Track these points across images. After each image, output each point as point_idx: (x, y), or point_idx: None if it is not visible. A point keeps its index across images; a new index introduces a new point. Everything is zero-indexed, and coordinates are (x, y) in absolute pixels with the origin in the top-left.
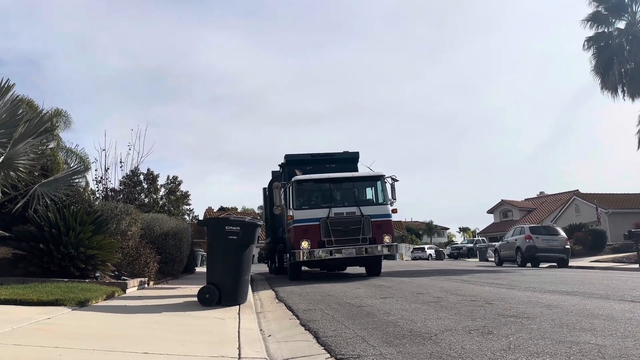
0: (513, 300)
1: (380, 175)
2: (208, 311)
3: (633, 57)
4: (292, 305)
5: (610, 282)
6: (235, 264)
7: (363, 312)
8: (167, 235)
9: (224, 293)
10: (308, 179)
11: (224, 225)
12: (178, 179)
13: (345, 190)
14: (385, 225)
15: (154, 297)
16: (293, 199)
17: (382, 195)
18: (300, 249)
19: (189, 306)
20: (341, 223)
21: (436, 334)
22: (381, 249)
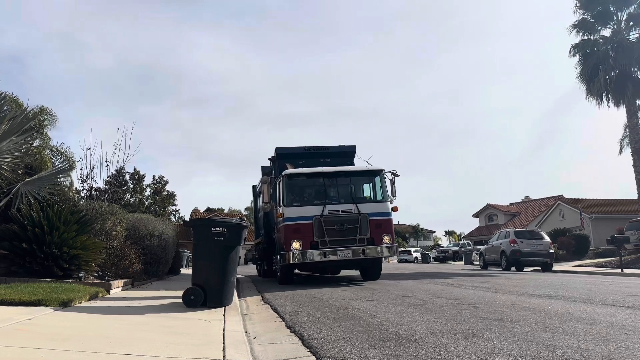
0: (497, 303)
1: (379, 169)
2: (193, 313)
3: (618, 65)
4: (278, 307)
5: (593, 287)
6: (221, 265)
7: (349, 315)
8: (152, 236)
9: (209, 295)
10: (300, 172)
11: (210, 226)
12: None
13: (341, 186)
14: (385, 225)
15: (138, 298)
16: (283, 195)
17: (382, 191)
18: (290, 250)
19: (173, 307)
20: (336, 222)
21: (421, 337)
22: (380, 251)
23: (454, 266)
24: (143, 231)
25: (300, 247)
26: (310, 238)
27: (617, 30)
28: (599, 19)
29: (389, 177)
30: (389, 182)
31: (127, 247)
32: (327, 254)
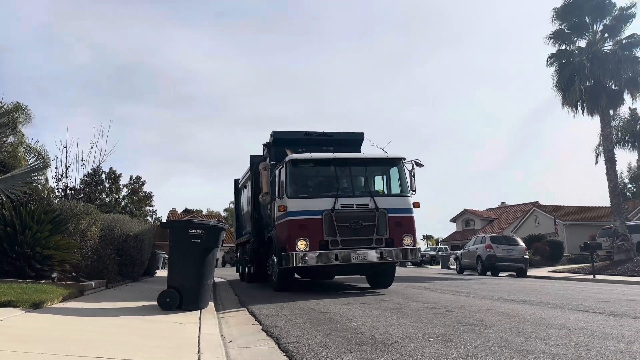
0: (472, 308)
1: (399, 158)
2: (168, 315)
3: (593, 75)
4: (255, 310)
5: (566, 292)
6: (197, 267)
7: (326, 318)
8: (128, 237)
9: (185, 297)
10: (308, 158)
11: (187, 228)
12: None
13: (356, 176)
14: (406, 223)
15: (113, 299)
16: (287, 185)
17: (401, 184)
18: (295, 251)
19: (148, 310)
20: (350, 218)
21: (397, 341)
22: (400, 254)
23: (431, 270)
24: (118, 232)
25: (306, 248)
26: (320, 237)
27: (593, 41)
28: (575, 30)
29: (408, 167)
30: (407, 173)
31: (102, 247)
32: (340, 256)
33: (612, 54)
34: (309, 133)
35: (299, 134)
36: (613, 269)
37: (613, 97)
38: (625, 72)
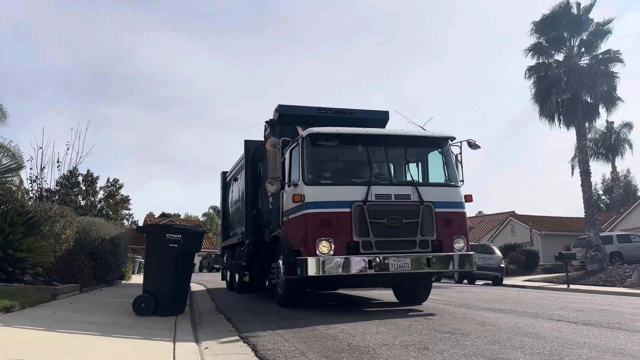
0: (449, 316)
1: (448, 136)
2: (143, 321)
3: (569, 88)
4: (232, 317)
5: (541, 302)
6: (174, 273)
7: (304, 326)
8: (103, 240)
9: (160, 303)
10: (332, 133)
11: (164, 232)
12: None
13: (393, 159)
14: (457, 221)
15: (86, 304)
16: (304, 167)
17: (450, 170)
18: (315, 255)
19: (122, 315)
20: (387, 213)
21: (374, 349)
22: (452, 262)
23: None
24: (94, 235)
25: (330, 251)
26: (347, 236)
27: (570, 55)
28: (553, 43)
29: (454, 151)
30: (453, 158)
31: (76, 251)
32: (375, 264)
33: (588, 68)
34: (323, 109)
35: (312, 109)
36: (587, 278)
37: (589, 110)
38: (600, 86)
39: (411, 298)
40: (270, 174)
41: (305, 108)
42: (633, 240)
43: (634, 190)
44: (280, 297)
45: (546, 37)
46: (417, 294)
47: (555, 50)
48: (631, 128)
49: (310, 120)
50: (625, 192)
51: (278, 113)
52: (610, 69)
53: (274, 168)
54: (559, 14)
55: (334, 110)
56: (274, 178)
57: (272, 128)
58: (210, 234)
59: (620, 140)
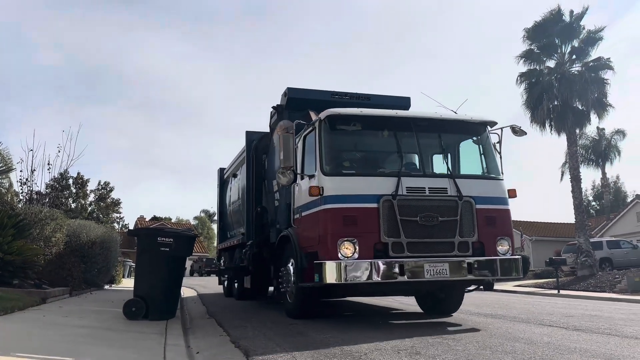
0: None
1: (490, 121)
2: (133, 325)
3: (561, 95)
4: (223, 321)
5: (532, 307)
6: (165, 277)
7: (295, 330)
8: (94, 244)
9: (151, 307)
10: (355, 114)
11: (156, 236)
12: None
13: (426, 147)
14: (501, 220)
15: (76, 308)
16: (322, 155)
17: (490, 160)
18: (336, 259)
19: (113, 319)
20: (421, 209)
21: (366, 354)
22: (496, 268)
23: None
24: (84, 238)
25: (355, 254)
26: (375, 237)
27: (561, 62)
28: (544, 50)
29: (496, 138)
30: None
31: (66, 254)
32: (407, 269)
33: (579, 75)
34: (337, 93)
35: (325, 93)
36: (577, 284)
37: (579, 116)
38: (591, 93)
39: (440, 308)
40: (282, 163)
41: (317, 92)
42: (622, 246)
43: (624, 197)
44: (290, 307)
45: (538, 43)
46: (448, 304)
47: (547, 57)
48: (623, 135)
49: (322, 106)
50: (615, 199)
51: (287, 97)
52: (600, 76)
53: (287, 156)
54: (551, 21)
55: (350, 95)
56: (286, 168)
57: (279, 114)
58: (202, 237)
59: (610, 146)
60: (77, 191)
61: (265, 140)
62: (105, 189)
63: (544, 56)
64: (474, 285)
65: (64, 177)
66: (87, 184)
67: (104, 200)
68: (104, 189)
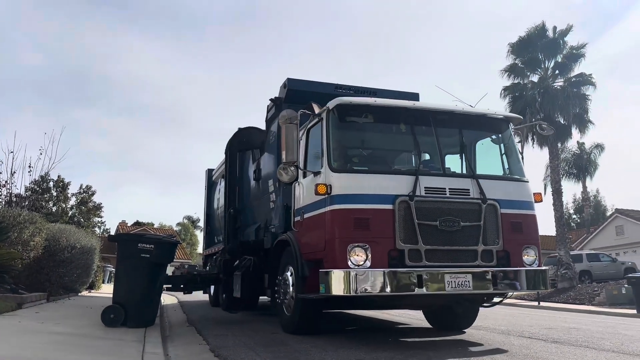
0: (421, 333)
1: (514, 117)
2: (111, 332)
3: (543, 109)
4: (203, 329)
5: (512, 319)
6: (145, 283)
7: (277, 340)
8: (73, 249)
9: (130, 314)
10: (367, 104)
11: (136, 242)
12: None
13: (446, 144)
14: (528, 226)
15: (53, 314)
16: (330, 149)
17: (513, 161)
18: (346, 267)
19: (90, 326)
20: (441, 212)
21: None
22: (522, 280)
23: None
24: (64, 243)
25: (367, 261)
26: (390, 243)
27: (544, 77)
28: (528, 65)
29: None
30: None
31: (45, 258)
32: (426, 280)
33: (562, 90)
34: (341, 86)
35: (328, 86)
36: (557, 296)
37: (561, 131)
38: (573, 108)
39: (452, 324)
40: (285, 157)
41: (320, 84)
42: (602, 259)
43: (604, 210)
44: (288, 321)
45: (522, 58)
46: (462, 319)
47: (531, 71)
48: (602, 150)
49: (324, 100)
50: (595, 212)
51: (286, 89)
52: (582, 91)
53: (290, 149)
54: (535, 37)
55: (354, 89)
56: (289, 163)
57: (277, 108)
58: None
59: (590, 161)
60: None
61: (251, 134)
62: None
63: (527, 70)
64: (497, 298)
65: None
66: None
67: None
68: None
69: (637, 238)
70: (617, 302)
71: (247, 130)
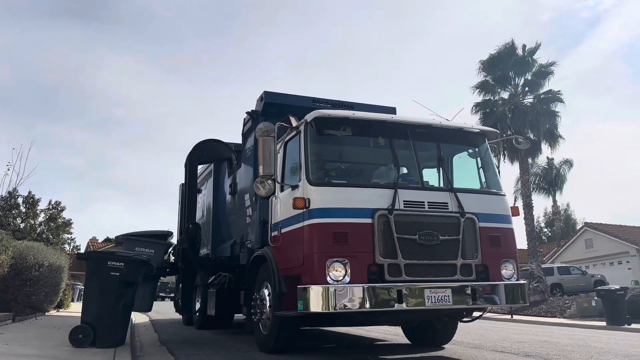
0: (393, 348)
1: (491, 131)
2: (80, 353)
3: (514, 125)
4: (175, 349)
5: (485, 332)
6: (114, 302)
7: (248, 358)
8: (41, 267)
9: (99, 333)
10: (346, 117)
11: (106, 260)
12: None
13: (424, 157)
14: (506, 240)
15: (19, 334)
16: (308, 163)
17: (490, 174)
18: (325, 282)
19: (58, 347)
20: (420, 226)
21: None
22: (501, 295)
23: None
24: (31, 261)
25: (346, 277)
26: (369, 257)
27: (514, 93)
28: (499, 81)
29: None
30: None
31: (11, 277)
32: (406, 296)
33: (531, 107)
34: (319, 100)
35: (305, 99)
36: (529, 309)
37: (532, 146)
38: (543, 124)
39: (431, 340)
40: (262, 170)
41: (297, 97)
42: (572, 272)
43: (574, 224)
44: (265, 339)
45: (492, 75)
46: (441, 335)
47: (501, 88)
48: (571, 165)
49: (302, 113)
50: (565, 226)
51: (263, 102)
52: (552, 108)
53: (267, 163)
54: (505, 55)
55: (332, 103)
56: (266, 176)
57: (254, 121)
58: None
59: (560, 176)
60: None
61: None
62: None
63: (498, 87)
64: (477, 312)
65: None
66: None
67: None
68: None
69: (605, 251)
70: (587, 314)
71: (208, 143)
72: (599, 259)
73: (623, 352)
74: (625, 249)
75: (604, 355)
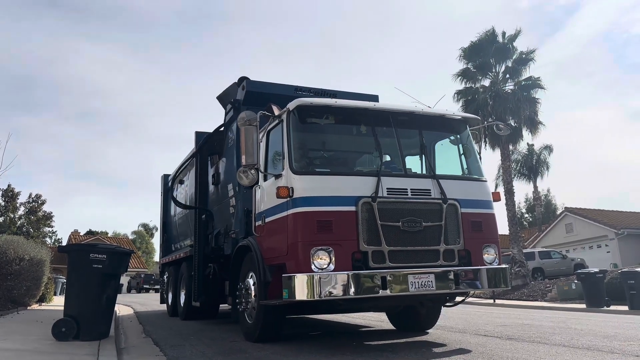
0: (377, 334)
1: (472, 117)
2: (63, 347)
3: (495, 112)
4: (160, 340)
5: (468, 317)
6: (97, 295)
7: (235, 348)
8: (22, 260)
9: (83, 326)
10: (329, 105)
11: (88, 252)
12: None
13: (407, 145)
14: (487, 225)
15: (0, 329)
16: (291, 151)
17: (472, 161)
18: (310, 271)
19: (41, 341)
20: (403, 213)
21: None
22: (484, 279)
23: None
24: (12, 255)
25: (330, 264)
26: (353, 245)
27: (496, 81)
28: (480, 69)
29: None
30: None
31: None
32: (390, 282)
33: (512, 94)
34: (301, 88)
35: (288, 88)
36: (511, 293)
37: (513, 133)
38: (523, 111)
39: (415, 325)
40: (244, 160)
41: (280, 86)
42: (553, 256)
43: (554, 209)
44: (250, 328)
45: (473, 63)
46: (426, 320)
47: (482, 75)
48: (551, 151)
49: (284, 102)
50: (546, 211)
51: (245, 91)
52: (532, 95)
53: (249, 152)
54: (486, 42)
55: (314, 91)
56: (249, 166)
57: (235, 110)
58: (140, 252)
59: (540, 162)
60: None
61: (218, 138)
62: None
63: (479, 75)
64: (459, 297)
65: None
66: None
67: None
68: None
69: (585, 235)
70: (568, 297)
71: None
72: (579, 243)
73: (602, 333)
74: (604, 232)
75: (584, 336)
